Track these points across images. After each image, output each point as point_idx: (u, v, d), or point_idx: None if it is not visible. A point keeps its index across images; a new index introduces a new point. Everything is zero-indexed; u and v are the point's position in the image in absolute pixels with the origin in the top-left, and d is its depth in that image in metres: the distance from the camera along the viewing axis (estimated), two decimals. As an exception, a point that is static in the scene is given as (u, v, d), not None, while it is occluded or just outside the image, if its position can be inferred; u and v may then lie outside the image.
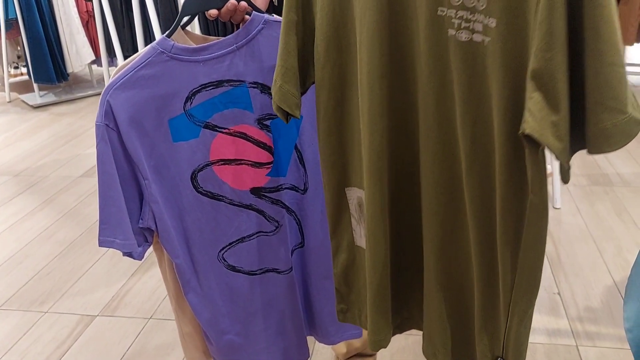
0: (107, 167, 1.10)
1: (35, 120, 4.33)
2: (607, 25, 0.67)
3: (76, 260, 2.43)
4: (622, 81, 0.68)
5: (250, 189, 1.20)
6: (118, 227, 1.13)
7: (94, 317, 2.06)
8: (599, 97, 0.70)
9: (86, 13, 4.57)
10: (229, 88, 1.12)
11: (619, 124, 0.69)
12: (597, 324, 1.90)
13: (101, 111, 1.08)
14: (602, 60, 0.68)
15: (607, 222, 2.54)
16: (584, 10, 0.68)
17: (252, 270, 1.27)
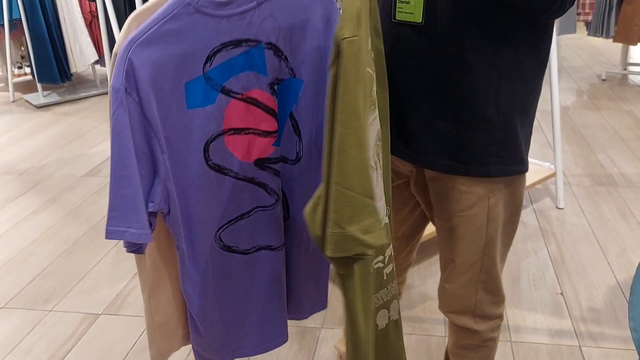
0: (124, 140, 0.95)
1: (39, 120, 4.34)
2: (340, 153, 0.77)
3: (80, 258, 2.44)
4: (344, 200, 0.78)
5: (254, 161, 1.12)
6: (133, 213, 0.98)
7: (98, 316, 2.06)
8: (330, 206, 0.80)
9: (89, 13, 4.58)
10: (247, 48, 1.04)
11: (336, 234, 0.79)
12: (600, 325, 1.90)
13: (120, 70, 0.93)
14: (333, 179, 0.78)
15: (611, 222, 2.54)
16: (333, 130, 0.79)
17: (247, 249, 1.20)
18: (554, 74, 2.58)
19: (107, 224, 0.98)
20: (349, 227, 0.79)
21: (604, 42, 4.94)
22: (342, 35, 0.77)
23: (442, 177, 1.13)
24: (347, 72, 0.77)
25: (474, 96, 1.05)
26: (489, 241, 1.16)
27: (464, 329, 1.27)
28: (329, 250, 0.81)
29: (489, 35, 1.02)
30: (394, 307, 1.15)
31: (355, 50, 0.77)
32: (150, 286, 1.19)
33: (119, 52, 0.93)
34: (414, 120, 1.11)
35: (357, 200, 0.79)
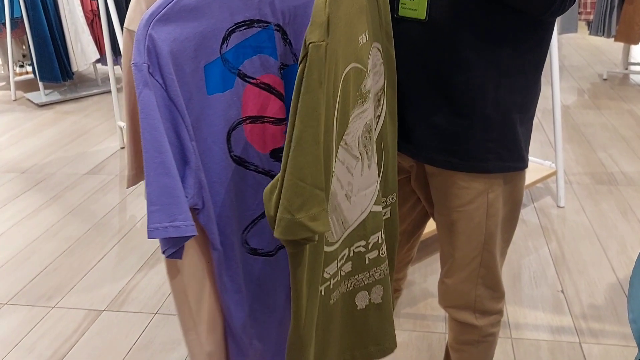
0: (155, 123, 0.86)
1: (41, 118, 4.35)
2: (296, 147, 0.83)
3: (83, 256, 2.45)
4: (296, 190, 0.85)
5: (270, 152, 1.07)
6: (176, 204, 0.88)
7: (101, 312, 2.07)
8: (283, 193, 0.86)
9: (91, 12, 4.59)
10: (258, 30, 1.00)
11: (285, 219, 0.86)
12: (600, 322, 1.91)
13: (141, 47, 0.86)
14: (287, 169, 0.85)
15: (612, 220, 2.54)
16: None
17: (270, 250, 1.13)
18: (555, 73, 2.59)
19: (149, 221, 0.87)
20: (298, 215, 0.85)
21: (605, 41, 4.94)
22: (310, 39, 0.80)
23: (441, 173, 1.14)
24: (310, 74, 0.81)
25: (474, 92, 1.06)
26: (489, 236, 1.17)
27: (463, 324, 1.28)
28: (277, 232, 0.87)
29: (490, 33, 1.03)
30: (377, 291, 1.18)
31: (321, 55, 0.80)
32: (195, 310, 1.08)
33: (138, 29, 0.86)
34: (413, 115, 1.12)
35: (307, 191, 0.85)
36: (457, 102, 1.07)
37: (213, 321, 1.11)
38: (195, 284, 1.07)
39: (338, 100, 0.92)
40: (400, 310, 1.99)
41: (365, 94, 1.00)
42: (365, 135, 1.03)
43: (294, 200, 0.85)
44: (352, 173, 1.03)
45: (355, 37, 0.94)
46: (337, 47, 0.87)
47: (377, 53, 1.04)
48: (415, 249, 1.45)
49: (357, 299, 1.17)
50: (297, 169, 0.84)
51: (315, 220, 0.87)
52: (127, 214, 2.81)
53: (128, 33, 0.93)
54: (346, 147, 0.99)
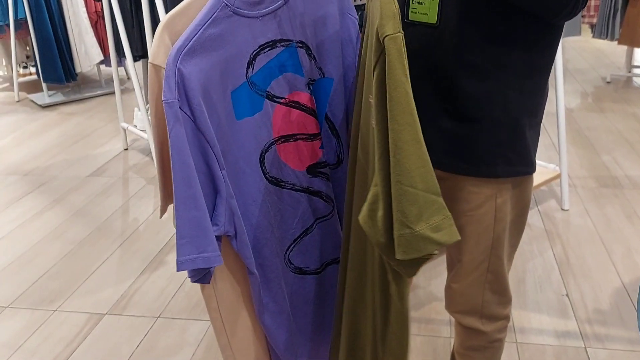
0: (185, 158, 0.88)
1: (44, 119, 4.35)
2: (396, 149, 0.75)
3: (85, 259, 2.44)
4: (408, 198, 0.75)
5: (306, 168, 1.07)
6: (205, 236, 0.90)
7: (103, 316, 2.06)
8: (394, 207, 0.77)
9: (95, 13, 4.59)
10: (281, 49, 1.01)
11: (405, 235, 0.76)
12: (606, 326, 1.90)
13: (171, 83, 0.87)
14: (393, 178, 0.76)
15: (616, 224, 2.53)
16: (390, 130, 0.77)
17: (317, 268, 1.12)
18: (559, 76, 2.58)
19: (178, 254, 0.90)
20: (417, 226, 0.76)
21: (609, 44, 4.93)
22: (385, 32, 0.76)
23: (449, 177, 1.13)
24: (393, 68, 0.76)
25: (484, 96, 1.05)
26: (496, 241, 1.16)
27: (470, 329, 1.27)
28: (399, 253, 0.78)
29: (500, 37, 1.02)
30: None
31: (399, 46, 0.76)
32: (230, 329, 1.08)
33: (167, 64, 0.88)
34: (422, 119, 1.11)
35: (421, 198, 0.77)
36: (466, 106, 1.06)
37: (249, 341, 1.10)
38: (230, 306, 1.07)
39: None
40: (404, 314, 1.98)
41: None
42: None
43: (409, 211, 0.76)
44: None
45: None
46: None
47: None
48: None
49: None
50: (403, 175, 0.76)
51: (438, 231, 0.77)
52: (130, 216, 2.80)
53: (153, 68, 0.93)
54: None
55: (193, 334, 1.94)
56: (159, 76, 0.91)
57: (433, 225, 0.77)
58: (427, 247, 0.78)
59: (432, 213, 0.77)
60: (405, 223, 0.77)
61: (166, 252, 2.45)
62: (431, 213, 0.77)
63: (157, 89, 0.92)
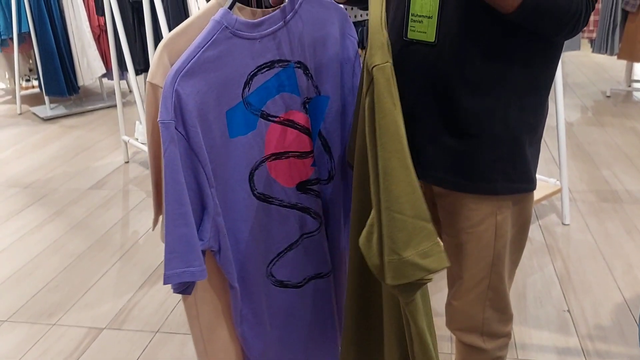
0: (178, 177, 0.91)
1: (46, 132, 4.36)
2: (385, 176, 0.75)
3: (85, 272, 2.44)
4: (397, 225, 0.76)
5: (296, 185, 1.09)
6: (192, 252, 0.93)
7: (102, 330, 2.06)
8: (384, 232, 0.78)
9: (98, 27, 4.62)
10: (279, 69, 1.02)
11: (393, 261, 0.77)
12: (607, 342, 1.89)
13: (167, 104, 0.89)
14: (382, 204, 0.77)
15: (617, 239, 2.52)
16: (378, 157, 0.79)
17: (299, 282, 1.15)
18: (558, 91, 2.59)
19: (166, 268, 0.93)
20: (405, 253, 0.77)
21: (609, 59, 4.95)
22: (373, 62, 0.77)
23: (449, 194, 1.13)
24: (382, 97, 0.78)
25: (484, 113, 1.05)
26: (497, 258, 1.16)
27: (471, 347, 1.26)
28: (388, 278, 0.79)
29: (500, 55, 1.02)
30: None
31: (388, 76, 0.78)
32: (207, 337, 1.10)
33: (165, 85, 0.90)
34: (421, 136, 1.12)
35: (409, 224, 0.77)
36: (466, 122, 1.06)
37: (225, 351, 1.12)
38: (209, 316, 1.10)
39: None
40: (404, 329, 1.97)
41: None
42: None
43: (397, 237, 0.77)
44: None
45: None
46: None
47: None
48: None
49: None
50: (392, 201, 0.77)
51: (427, 257, 0.78)
52: (129, 229, 2.80)
53: (151, 87, 0.94)
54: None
55: (192, 349, 1.93)
56: (156, 95, 0.93)
57: (421, 252, 0.78)
58: (415, 274, 0.78)
59: (421, 240, 0.78)
60: (394, 249, 0.78)
61: (166, 265, 2.44)
62: (420, 240, 0.78)
63: (154, 107, 0.94)
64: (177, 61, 0.91)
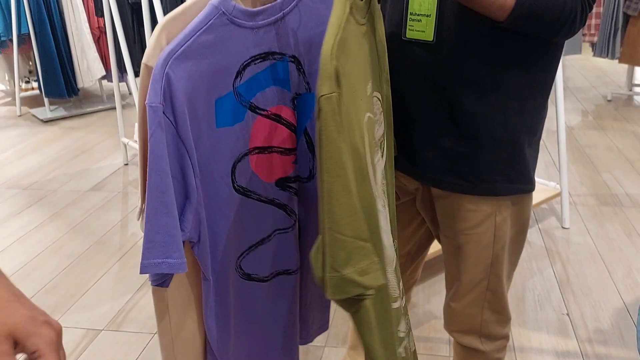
0: (163, 164, 0.88)
1: (45, 134, 4.36)
2: (329, 199, 0.81)
3: (83, 274, 2.43)
4: (338, 244, 0.82)
5: (276, 181, 1.08)
6: (172, 242, 0.91)
7: (100, 332, 2.05)
8: (325, 251, 0.83)
9: (98, 29, 4.62)
10: (272, 62, 1.01)
11: (334, 278, 0.83)
12: (606, 346, 1.88)
13: (157, 87, 0.86)
14: (325, 224, 0.83)
15: (617, 242, 2.52)
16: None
17: (266, 276, 1.14)
18: (559, 94, 2.58)
19: (143, 257, 0.90)
20: (344, 270, 0.82)
21: (610, 63, 4.95)
22: (320, 92, 0.81)
23: (448, 195, 1.13)
24: (327, 126, 0.81)
25: (483, 114, 1.05)
26: (496, 260, 1.15)
27: (469, 349, 1.25)
28: (329, 293, 0.84)
29: (499, 55, 1.02)
30: (412, 337, 1.17)
31: (334, 106, 0.81)
32: (175, 330, 1.08)
33: (156, 67, 0.87)
34: (420, 137, 1.11)
35: (349, 244, 0.83)
36: (465, 123, 1.06)
37: (192, 344, 1.12)
38: (179, 308, 1.08)
39: (367, 149, 0.92)
40: (403, 332, 1.96)
41: (379, 142, 1.01)
42: (383, 182, 1.03)
43: (337, 256, 0.82)
44: (384, 222, 1.02)
45: (364, 87, 0.95)
46: (352, 96, 0.87)
47: (377, 102, 1.06)
48: (419, 270, 1.43)
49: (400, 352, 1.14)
50: (334, 222, 0.82)
51: (365, 275, 0.83)
52: (128, 231, 2.79)
53: (146, 69, 0.91)
54: (379, 197, 0.98)
55: (190, 350, 1.92)
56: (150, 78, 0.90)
57: (359, 270, 0.83)
58: (353, 290, 0.84)
59: (360, 258, 0.83)
60: (334, 267, 0.83)
61: (164, 267, 2.43)
62: (359, 258, 0.83)
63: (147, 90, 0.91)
64: (170, 43, 0.88)
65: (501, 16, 0.94)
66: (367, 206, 0.88)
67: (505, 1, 0.92)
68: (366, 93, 0.96)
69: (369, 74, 0.99)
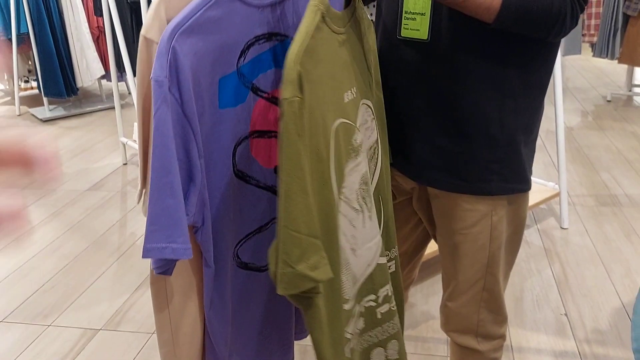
0: (168, 142, 0.84)
1: (44, 133, 4.36)
2: (286, 198, 0.85)
3: (81, 273, 2.43)
4: (293, 241, 0.85)
5: (275, 167, 1.05)
6: (177, 226, 0.86)
7: (97, 331, 2.05)
8: (279, 247, 0.87)
9: (97, 29, 4.62)
10: (275, 43, 0.99)
11: (287, 274, 0.86)
12: (605, 346, 1.88)
13: (163, 61, 0.82)
14: (281, 222, 0.86)
15: (615, 243, 2.51)
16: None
17: (262, 265, 1.11)
18: (558, 95, 2.58)
19: (146, 241, 0.85)
20: (298, 266, 0.86)
21: (609, 63, 4.95)
22: (283, 96, 0.84)
23: (444, 195, 1.13)
24: (288, 129, 0.84)
25: (478, 113, 1.05)
26: (492, 259, 1.15)
27: (465, 348, 1.25)
28: (280, 289, 0.87)
29: (494, 53, 1.02)
30: (392, 347, 1.16)
31: (295, 109, 0.84)
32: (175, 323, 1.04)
33: (161, 40, 0.83)
34: (416, 137, 1.11)
35: (304, 241, 0.86)
36: (461, 122, 1.06)
37: (192, 336, 1.08)
38: (179, 299, 1.05)
39: (332, 153, 0.94)
40: (401, 332, 1.96)
41: (357, 148, 1.02)
42: (363, 188, 1.04)
43: (292, 252, 0.85)
44: (354, 226, 1.03)
45: (340, 94, 0.96)
46: (320, 102, 0.89)
47: (367, 109, 1.06)
48: (417, 270, 1.43)
49: (373, 357, 1.15)
50: (290, 220, 0.85)
51: (315, 269, 0.87)
52: (127, 231, 2.79)
53: (145, 42, 0.87)
54: (346, 200, 1.00)
55: (187, 350, 1.92)
56: (149, 51, 0.87)
57: (311, 265, 0.86)
58: (305, 284, 0.87)
59: (311, 254, 0.87)
60: (288, 263, 0.86)
61: (162, 267, 2.43)
62: (310, 254, 0.87)
63: (147, 65, 0.88)
64: (177, 16, 0.85)
65: (489, 18, 0.95)
66: (324, 208, 0.92)
67: (492, 3, 0.93)
68: (342, 100, 0.97)
69: (351, 82, 1.00)
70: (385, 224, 1.14)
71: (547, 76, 1.08)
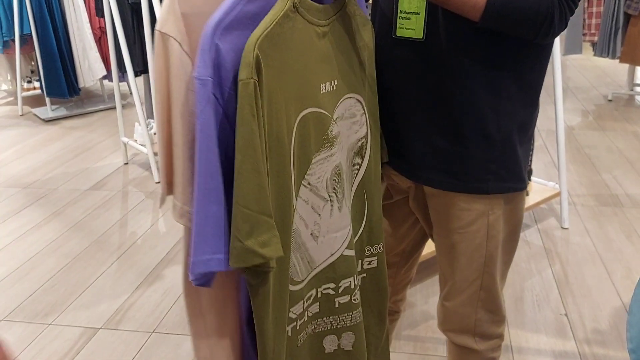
0: (212, 145, 0.80)
1: (46, 133, 4.37)
2: (238, 175, 0.85)
3: (81, 272, 2.44)
4: (243, 217, 0.86)
5: None
6: (221, 236, 0.84)
7: (97, 330, 2.05)
8: (232, 223, 0.87)
9: (99, 29, 4.63)
10: None
11: (237, 248, 0.87)
12: (605, 347, 1.87)
13: (207, 59, 0.79)
14: (234, 199, 0.86)
15: (616, 243, 2.51)
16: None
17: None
18: (559, 94, 2.58)
19: (193, 254, 0.82)
20: (247, 241, 0.87)
21: (610, 62, 4.94)
22: (239, 77, 0.84)
23: (441, 194, 1.13)
24: (242, 109, 0.84)
25: (474, 113, 1.05)
26: (489, 258, 1.15)
27: (463, 348, 1.25)
28: (231, 262, 0.88)
29: (488, 53, 1.02)
30: (347, 338, 1.17)
31: (250, 91, 0.84)
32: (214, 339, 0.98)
33: (204, 36, 0.80)
34: (412, 136, 1.11)
35: (253, 218, 0.87)
36: (457, 122, 1.06)
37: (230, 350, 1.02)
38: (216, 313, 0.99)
39: (294, 139, 0.95)
40: (400, 332, 1.96)
41: (332, 139, 1.03)
42: (335, 179, 1.05)
43: (242, 227, 0.87)
44: (319, 213, 1.04)
45: (314, 84, 0.97)
46: (284, 88, 0.91)
47: (355, 104, 1.07)
48: (414, 269, 1.43)
49: (325, 342, 1.17)
50: (241, 197, 0.86)
51: (266, 247, 0.88)
52: (127, 230, 2.80)
53: (161, 37, 0.85)
54: (309, 187, 1.01)
55: (187, 349, 1.93)
56: (166, 45, 0.84)
57: (261, 242, 0.88)
58: (253, 259, 0.88)
59: (262, 231, 0.88)
60: (238, 237, 0.87)
61: (163, 266, 2.44)
62: (261, 231, 0.88)
63: (164, 60, 0.85)
64: (217, 12, 0.82)
65: (475, 16, 0.95)
66: (280, 190, 0.93)
67: (477, 1, 0.93)
68: (318, 90, 0.98)
69: (332, 74, 1.00)
70: (368, 219, 1.15)
71: (541, 74, 1.08)
